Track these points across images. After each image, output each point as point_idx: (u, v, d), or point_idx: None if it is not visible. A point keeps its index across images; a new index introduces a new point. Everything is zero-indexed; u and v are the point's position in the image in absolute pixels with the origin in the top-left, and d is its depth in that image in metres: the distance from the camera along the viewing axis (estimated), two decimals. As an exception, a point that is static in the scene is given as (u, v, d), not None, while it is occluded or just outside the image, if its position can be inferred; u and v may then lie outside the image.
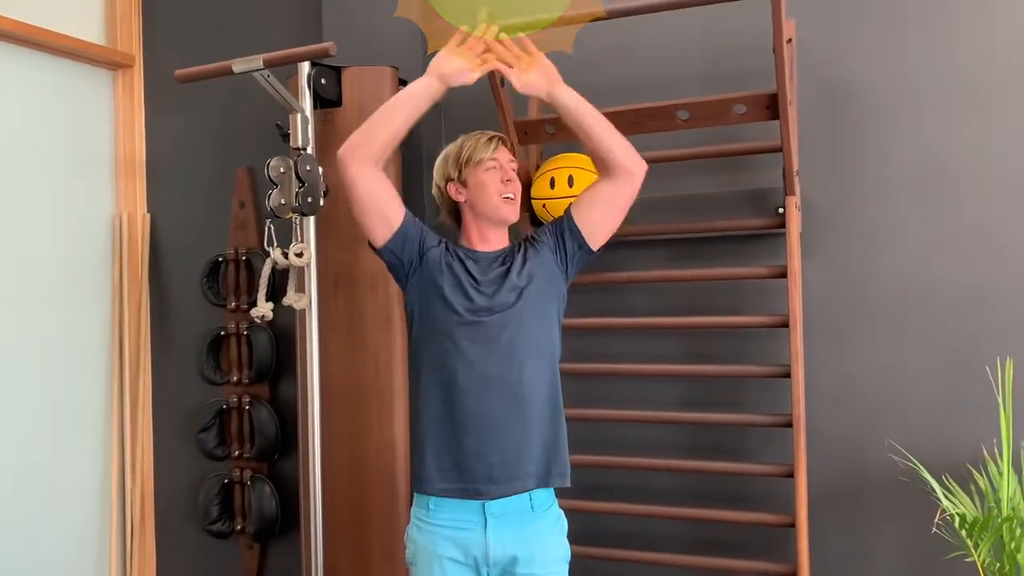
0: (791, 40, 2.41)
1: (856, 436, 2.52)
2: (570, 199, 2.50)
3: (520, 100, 2.64)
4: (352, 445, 2.72)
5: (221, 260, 3.27)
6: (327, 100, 2.72)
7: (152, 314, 3.47)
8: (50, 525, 3.19)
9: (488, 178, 2.02)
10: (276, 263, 2.55)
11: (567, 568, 2.03)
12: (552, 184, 2.54)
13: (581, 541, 2.49)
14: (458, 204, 2.08)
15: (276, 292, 2.71)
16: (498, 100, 2.48)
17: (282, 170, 2.50)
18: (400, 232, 1.99)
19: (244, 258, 3.24)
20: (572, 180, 2.52)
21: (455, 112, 2.95)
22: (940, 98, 2.45)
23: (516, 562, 1.94)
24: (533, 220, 2.67)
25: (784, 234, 2.43)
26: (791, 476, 2.38)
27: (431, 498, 1.97)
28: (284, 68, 2.52)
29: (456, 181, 2.06)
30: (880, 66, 2.50)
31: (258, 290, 2.63)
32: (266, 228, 2.56)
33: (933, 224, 2.46)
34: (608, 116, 2.41)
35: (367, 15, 2.93)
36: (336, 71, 2.74)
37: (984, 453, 2.29)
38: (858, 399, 2.52)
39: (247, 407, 3.20)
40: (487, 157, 2.03)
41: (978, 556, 2.08)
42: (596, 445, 2.74)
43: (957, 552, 2.18)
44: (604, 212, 2.05)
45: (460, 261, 2.01)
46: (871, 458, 2.49)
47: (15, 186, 3.11)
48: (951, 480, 2.25)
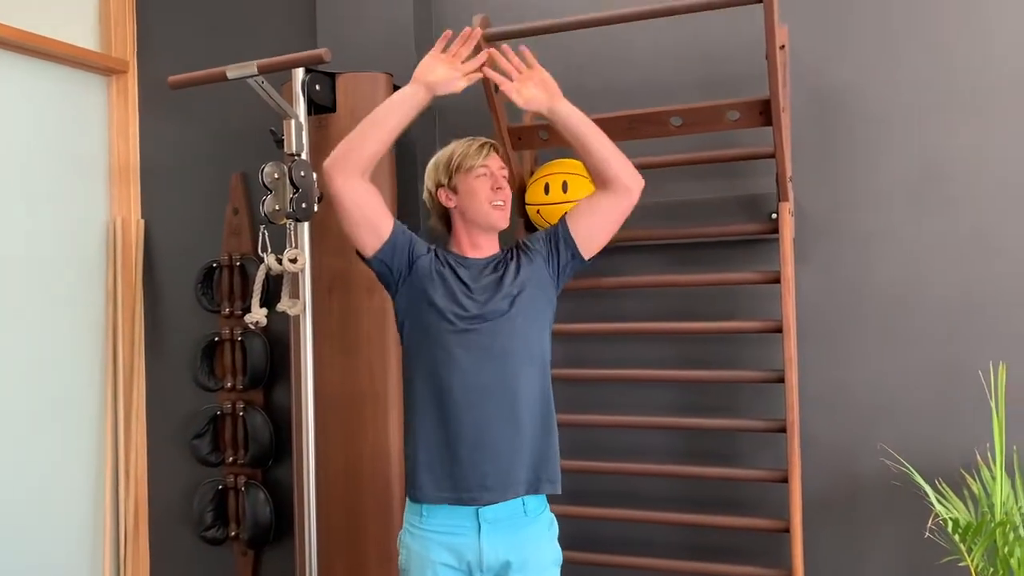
0: (784, 47, 2.42)
1: (849, 441, 2.52)
2: (564, 204, 2.51)
3: (514, 105, 2.64)
4: (346, 451, 2.72)
5: (215, 266, 3.27)
6: (321, 106, 2.72)
7: (146, 320, 3.46)
8: (44, 531, 3.18)
9: (478, 185, 2.02)
10: (270, 269, 2.55)
11: (559, 572, 2.03)
12: (546, 190, 2.55)
13: (575, 546, 2.49)
14: (448, 210, 2.08)
15: (270, 298, 2.71)
16: (492, 105, 2.48)
17: (276, 176, 2.50)
18: (389, 242, 1.99)
19: (238, 264, 3.24)
20: (566, 186, 2.53)
21: (448, 117, 2.96)
22: (933, 104, 2.46)
23: (509, 567, 1.94)
24: (527, 226, 2.68)
25: (777, 240, 2.44)
26: (785, 481, 2.39)
27: (424, 505, 1.97)
28: (278, 74, 2.53)
29: (446, 187, 2.06)
30: (873, 72, 2.52)
31: (252, 296, 2.63)
32: (260, 234, 2.56)
33: (925, 230, 2.47)
34: (602, 122, 2.43)
35: (361, 22, 2.93)
36: (330, 77, 2.74)
37: (977, 458, 2.29)
38: (851, 404, 2.53)
39: (241, 413, 3.19)
40: (477, 164, 2.02)
41: (971, 561, 2.08)
42: (590, 450, 2.74)
43: (950, 557, 2.18)
44: (599, 224, 2.06)
45: (451, 268, 2.01)
46: (864, 463, 2.50)
47: (9, 191, 3.11)
48: (944, 485, 2.26)
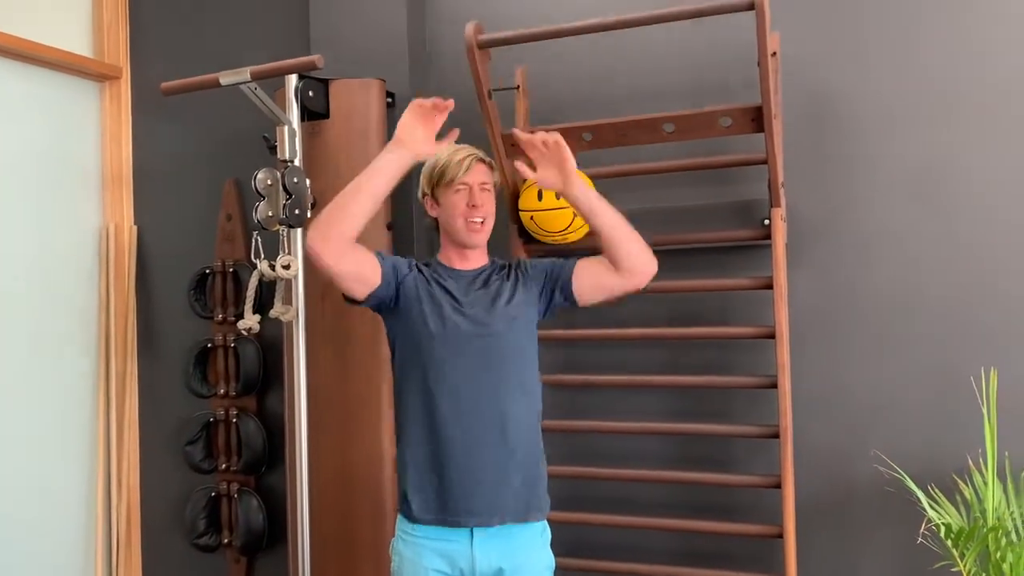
0: (776, 53, 2.43)
1: (842, 447, 2.53)
2: (558, 211, 2.52)
3: (508, 111, 2.66)
4: (339, 458, 2.71)
5: (208, 272, 3.26)
6: (315, 112, 2.72)
7: (139, 326, 3.45)
8: (35, 539, 3.16)
9: (456, 200, 2.01)
10: (263, 275, 2.55)
11: None
12: (539, 196, 2.55)
13: (568, 553, 2.49)
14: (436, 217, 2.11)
15: (263, 304, 2.70)
16: (485, 112, 2.48)
17: (269, 182, 2.50)
18: (380, 283, 1.98)
19: (231, 270, 3.23)
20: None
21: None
22: (924, 109, 2.48)
23: (502, 573, 1.95)
24: (521, 231, 2.68)
25: (770, 245, 2.44)
26: (778, 487, 2.39)
27: (416, 524, 1.98)
28: (271, 80, 2.53)
29: (430, 197, 2.08)
30: (864, 78, 2.53)
31: (245, 302, 2.62)
32: (253, 240, 2.55)
33: (917, 235, 2.48)
34: (595, 128, 2.45)
35: (354, 28, 2.93)
36: (324, 83, 2.74)
37: (969, 463, 2.30)
38: (844, 410, 2.53)
39: (234, 420, 3.18)
40: (457, 179, 2.01)
41: (964, 566, 2.08)
42: (582, 456, 2.74)
43: (943, 562, 2.19)
44: (600, 292, 2.07)
45: (438, 283, 2.02)
46: (857, 468, 2.50)
47: (1, 196, 3.09)
48: (937, 490, 2.26)
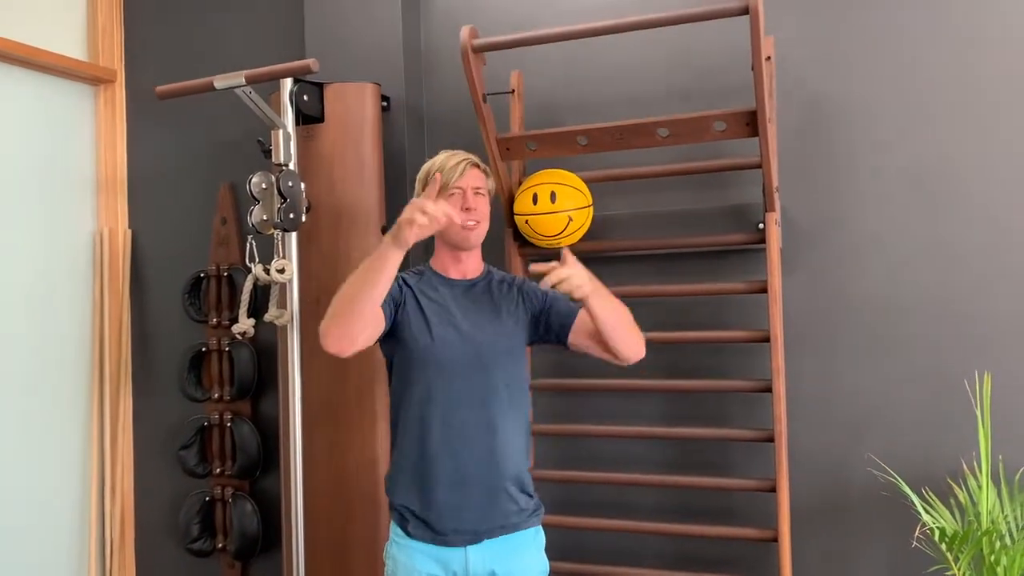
0: (770, 58, 2.44)
1: (837, 451, 2.53)
2: (552, 215, 2.52)
3: (503, 116, 2.66)
4: (334, 462, 2.71)
5: (203, 276, 3.26)
6: (309, 116, 2.72)
7: (133, 330, 3.44)
8: (29, 544, 3.15)
9: (450, 204, 1.98)
10: (258, 279, 2.54)
11: None
12: (535, 200, 2.55)
13: (563, 557, 2.49)
14: None
15: (258, 308, 2.70)
16: (480, 115, 2.48)
17: (264, 186, 2.50)
18: (386, 327, 1.98)
19: (226, 274, 3.22)
20: (555, 196, 2.53)
21: (437, 127, 2.97)
22: (919, 114, 2.48)
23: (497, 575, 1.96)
24: (516, 235, 2.68)
25: (764, 250, 2.45)
26: (773, 491, 2.39)
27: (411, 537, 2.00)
28: (266, 84, 2.53)
29: None
30: (858, 83, 2.53)
31: (240, 306, 2.62)
32: (248, 244, 2.55)
33: (912, 239, 2.48)
34: (590, 132, 2.45)
35: (349, 32, 2.94)
36: (318, 87, 2.74)
37: (963, 467, 2.31)
38: (839, 414, 2.54)
39: (228, 424, 3.17)
40: (451, 184, 2.03)
41: (958, 569, 2.09)
42: (577, 460, 2.74)
43: (937, 566, 2.19)
44: (589, 351, 2.09)
45: (430, 297, 2.02)
46: (852, 472, 2.50)
47: (-5, 201, 3.09)
48: (931, 494, 2.27)
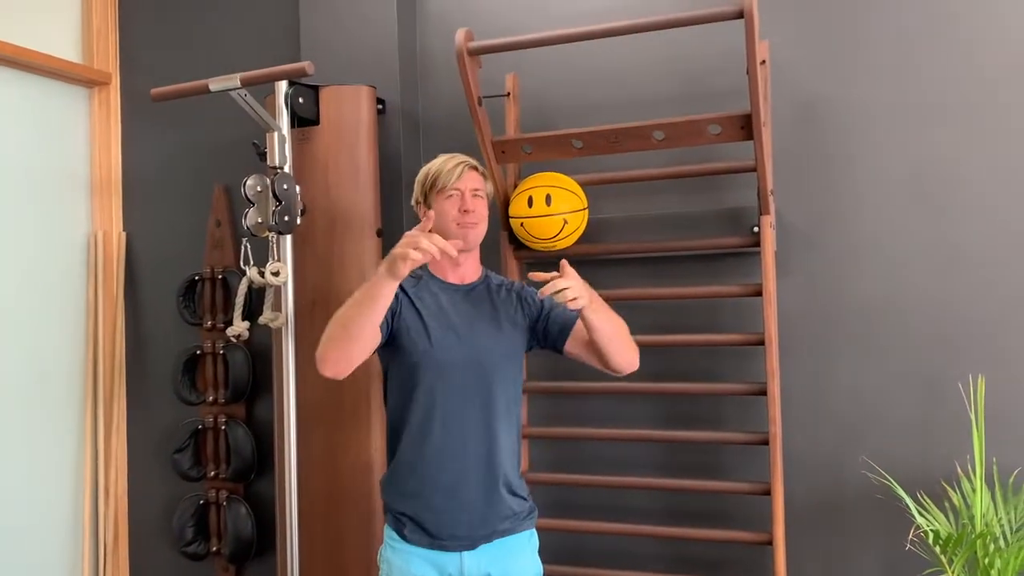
0: (765, 61, 2.44)
1: (832, 453, 2.53)
2: (548, 217, 2.52)
3: (498, 118, 2.66)
4: (329, 465, 2.70)
5: (197, 279, 3.25)
6: (304, 119, 2.72)
7: (127, 333, 3.44)
8: (22, 547, 3.13)
9: (448, 206, 2.03)
10: (252, 282, 2.54)
11: None
12: (530, 203, 2.55)
13: (558, 560, 2.49)
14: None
15: (252, 311, 2.70)
16: (476, 119, 2.48)
17: (259, 189, 2.50)
18: (383, 338, 1.97)
19: (220, 277, 3.22)
20: (550, 199, 2.53)
21: (433, 130, 2.97)
22: (913, 117, 2.49)
23: None
24: (511, 238, 2.68)
25: (759, 253, 2.45)
26: (768, 494, 2.40)
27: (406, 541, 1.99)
28: (261, 87, 2.52)
29: (423, 204, 2.10)
30: (853, 86, 2.54)
31: (234, 309, 2.61)
32: (242, 247, 2.55)
33: (906, 242, 2.49)
34: (586, 135, 2.45)
35: (345, 35, 2.94)
36: (314, 90, 2.74)
37: (958, 470, 2.31)
38: (833, 417, 2.54)
39: (223, 427, 3.16)
40: (449, 185, 2.03)
41: (952, 572, 2.09)
42: (572, 463, 2.74)
43: (932, 568, 2.19)
44: (583, 360, 2.09)
45: (427, 301, 2.02)
46: (847, 475, 2.51)
47: (-11, 204, 3.08)
48: (925, 496, 2.28)
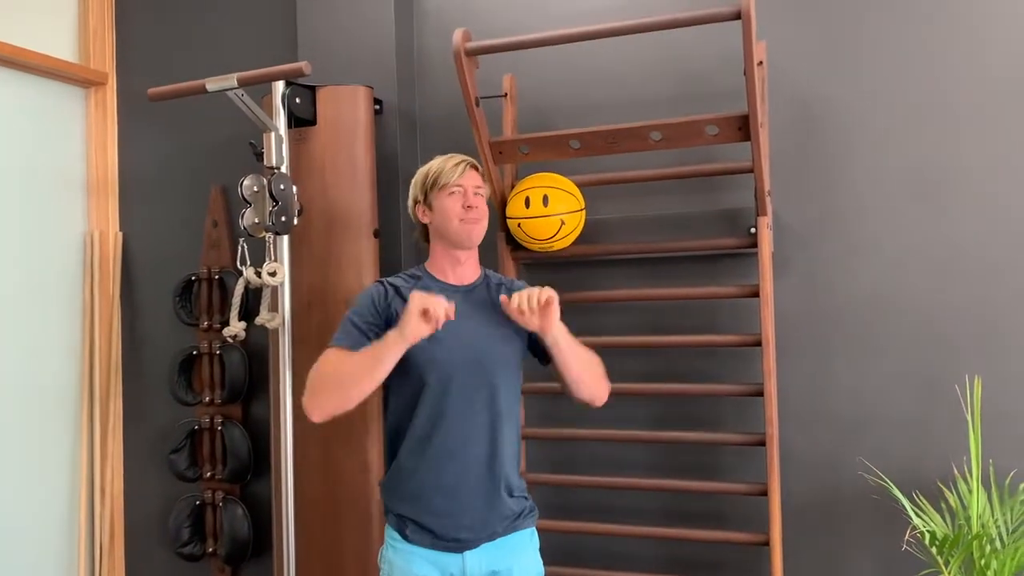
0: (762, 62, 2.45)
1: (829, 454, 2.54)
2: (545, 218, 2.52)
3: (495, 119, 2.66)
4: (325, 466, 2.70)
5: (194, 279, 3.25)
6: (301, 119, 2.72)
7: (123, 333, 3.43)
8: (18, 548, 3.12)
9: (450, 203, 2.02)
10: (249, 282, 2.54)
11: None
12: (527, 203, 2.55)
13: (555, 561, 2.48)
14: (426, 225, 2.11)
15: (249, 311, 2.69)
16: (473, 119, 2.48)
17: (256, 189, 2.50)
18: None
19: (217, 277, 3.21)
20: (547, 199, 2.53)
21: (430, 130, 2.97)
22: (911, 118, 2.49)
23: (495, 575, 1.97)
24: (509, 239, 2.68)
25: (756, 254, 2.45)
26: (764, 494, 2.40)
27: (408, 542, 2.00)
28: (258, 87, 2.52)
29: (423, 204, 2.09)
30: (850, 87, 2.54)
31: (231, 309, 2.61)
32: (239, 247, 2.54)
33: (903, 243, 2.49)
34: (583, 136, 2.45)
35: (342, 35, 2.93)
36: (311, 90, 2.73)
37: (954, 471, 2.32)
38: (830, 417, 2.54)
39: (219, 427, 3.16)
40: (451, 182, 2.03)
41: (948, 573, 2.09)
42: (570, 464, 2.74)
43: (928, 570, 2.19)
44: (558, 382, 2.10)
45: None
46: (843, 476, 2.51)
47: (-15, 203, 3.08)
48: (922, 498, 2.28)
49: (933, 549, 2.11)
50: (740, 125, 2.31)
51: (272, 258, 2.55)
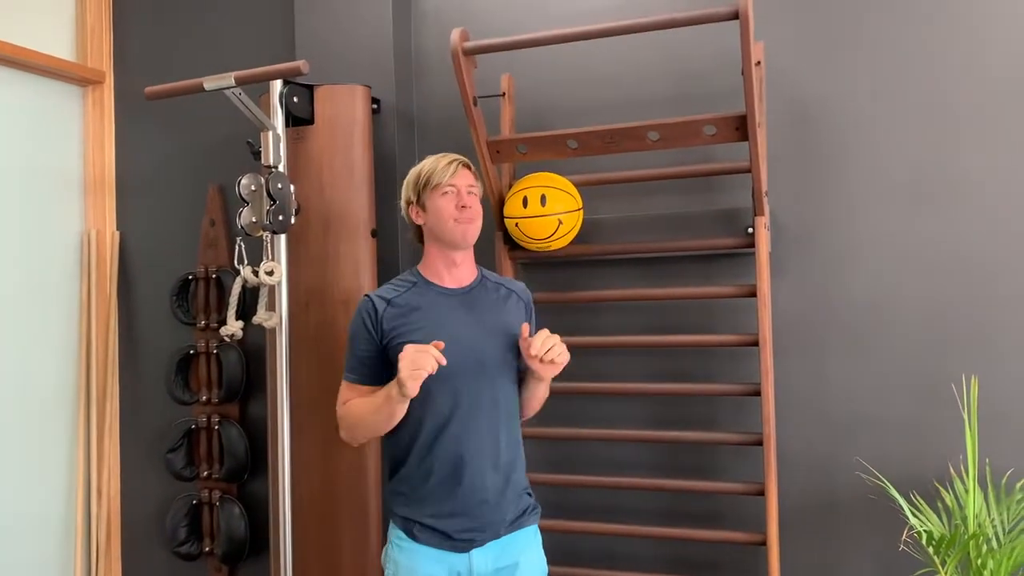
0: (760, 62, 2.45)
1: (826, 454, 2.54)
2: (543, 217, 2.52)
3: (493, 119, 2.66)
4: (323, 465, 2.70)
5: (191, 278, 3.24)
6: (299, 118, 2.72)
7: (120, 332, 3.42)
8: (13, 547, 3.12)
9: (443, 203, 2.02)
10: (246, 281, 2.53)
11: None
12: (525, 203, 2.55)
13: (552, 560, 2.47)
14: (420, 226, 2.11)
15: (246, 311, 2.69)
16: (471, 119, 2.48)
17: (253, 188, 2.49)
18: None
19: (214, 276, 3.21)
20: (545, 199, 2.53)
21: (428, 130, 2.97)
22: (908, 119, 2.50)
23: (500, 572, 1.98)
24: (506, 239, 2.68)
25: (754, 254, 2.45)
26: (761, 494, 2.40)
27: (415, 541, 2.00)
28: (256, 86, 2.52)
29: (416, 204, 2.08)
30: (848, 87, 2.55)
31: (228, 308, 2.61)
32: (236, 246, 2.54)
33: (900, 243, 2.49)
34: (581, 136, 2.47)
35: (340, 34, 2.93)
36: (308, 89, 2.73)
37: (951, 470, 2.32)
38: (827, 417, 2.54)
39: (216, 427, 3.16)
40: (444, 182, 2.02)
41: (945, 572, 2.09)
42: (567, 464, 2.74)
43: (925, 569, 2.20)
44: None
45: (425, 312, 2.00)
46: (840, 476, 2.51)
47: (-19, 202, 3.07)
48: (919, 497, 2.28)
49: (930, 549, 2.11)
50: (738, 125, 2.31)
51: (269, 257, 2.54)
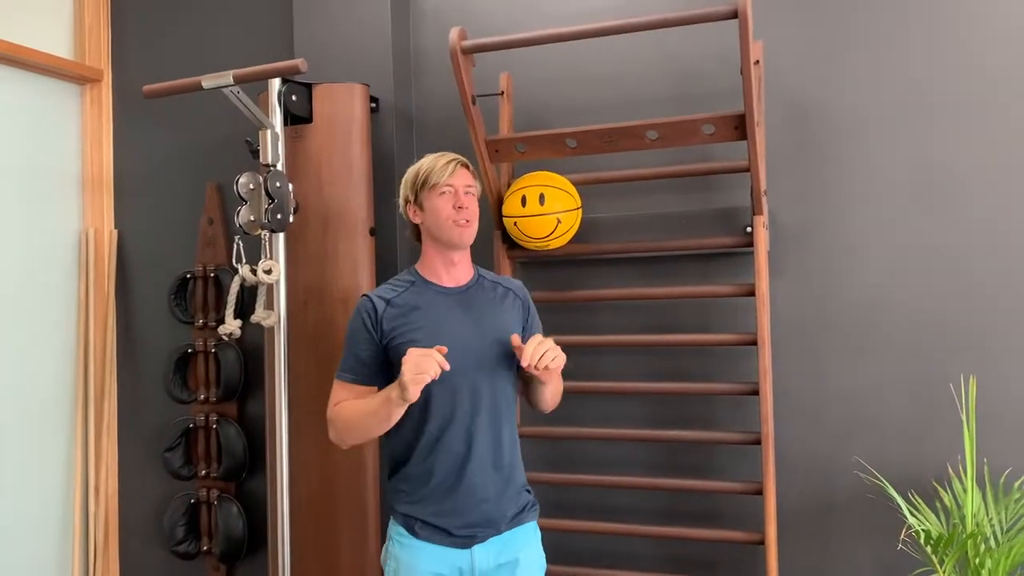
0: (758, 62, 2.45)
1: (824, 453, 2.54)
2: (541, 216, 2.52)
3: (492, 118, 2.66)
4: (321, 464, 2.69)
5: (189, 277, 3.24)
6: (298, 116, 2.71)
7: (118, 331, 3.42)
8: (11, 546, 3.12)
9: (441, 203, 2.01)
10: (245, 280, 2.52)
11: None
12: (523, 202, 2.55)
13: (550, 559, 2.47)
14: (417, 225, 2.10)
15: (244, 309, 2.68)
16: (469, 118, 2.48)
17: (251, 186, 2.49)
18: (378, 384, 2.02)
19: (212, 275, 3.21)
20: (543, 198, 2.53)
21: (426, 128, 2.97)
22: (906, 118, 2.50)
23: (501, 568, 1.98)
24: (505, 238, 2.68)
25: (752, 253, 2.46)
26: (760, 494, 2.40)
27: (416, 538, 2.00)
28: (254, 84, 2.51)
29: (413, 203, 2.07)
30: (846, 87, 2.55)
31: (226, 307, 2.60)
32: (235, 245, 2.53)
33: (899, 243, 2.49)
34: (579, 135, 2.46)
35: (338, 32, 2.93)
36: (307, 87, 2.73)
37: (949, 470, 2.32)
38: (826, 417, 2.55)
39: (214, 426, 3.15)
40: (442, 182, 2.02)
41: (943, 572, 2.10)
42: (565, 463, 2.74)
43: (923, 568, 2.20)
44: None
45: (424, 312, 2.00)
46: (839, 475, 2.51)
47: (-21, 201, 3.07)
48: (917, 497, 2.28)
49: (928, 548, 2.12)
50: (736, 124, 2.31)
51: (268, 256, 2.54)
